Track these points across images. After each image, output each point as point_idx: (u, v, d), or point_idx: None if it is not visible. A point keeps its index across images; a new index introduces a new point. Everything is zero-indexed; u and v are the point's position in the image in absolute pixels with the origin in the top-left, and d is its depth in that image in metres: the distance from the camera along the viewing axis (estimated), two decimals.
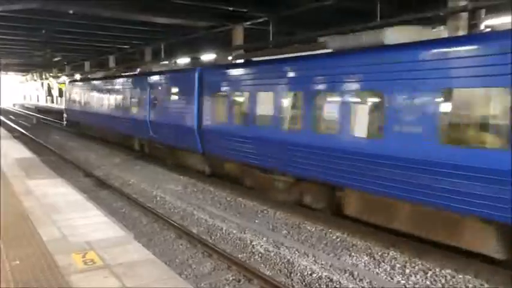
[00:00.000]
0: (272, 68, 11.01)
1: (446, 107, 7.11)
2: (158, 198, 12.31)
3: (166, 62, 21.21)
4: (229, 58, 17.64)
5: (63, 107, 33.50)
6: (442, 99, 7.04)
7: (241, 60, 14.41)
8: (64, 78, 51.07)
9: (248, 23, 18.51)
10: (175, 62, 22.51)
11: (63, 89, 36.74)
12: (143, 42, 28.02)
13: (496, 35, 7.38)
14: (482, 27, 12.63)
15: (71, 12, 17.33)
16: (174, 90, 15.47)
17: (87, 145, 23.45)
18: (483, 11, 12.60)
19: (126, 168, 16.76)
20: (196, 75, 13.94)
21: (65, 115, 30.95)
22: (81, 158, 19.05)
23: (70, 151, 21.21)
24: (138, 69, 24.74)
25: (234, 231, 9.37)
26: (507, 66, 6.17)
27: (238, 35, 18.94)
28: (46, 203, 8.28)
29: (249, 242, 8.76)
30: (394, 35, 8.52)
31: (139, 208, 11.26)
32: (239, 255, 8.10)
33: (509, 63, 6.15)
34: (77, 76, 36.93)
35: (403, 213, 7.95)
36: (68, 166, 17.22)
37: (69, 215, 7.47)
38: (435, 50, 7.24)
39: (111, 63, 33.96)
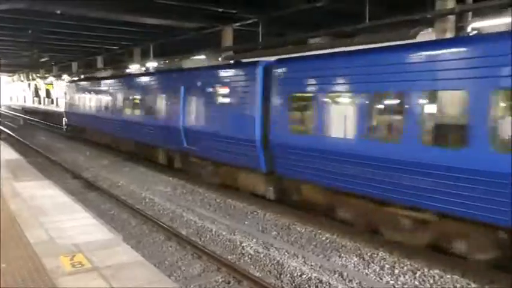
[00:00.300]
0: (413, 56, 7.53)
1: None
2: (147, 200, 12.24)
3: (202, 57, 16.95)
4: (219, 59, 17.58)
5: (62, 109, 29.54)
6: None
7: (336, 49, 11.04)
8: (51, 79, 50.61)
9: (237, 24, 18.53)
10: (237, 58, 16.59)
11: (51, 89, 34.03)
12: (132, 43, 27.90)
13: None
14: (469, 29, 12.81)
15: (58, 12, 17.18)
16: (222, 91, 12.12)
17: (74, 147, 23.23)
18: (470, 14, 12.78)
19: (114, 170, 16.63)
20: (260, 71, 10.66)
21: (64, 119, 27.17)
22: (69, 160, 18.86)
23: (57, 153, 20.98)
24: (128, 69, 24.17)
25: (224, 233, 9.35)
26: None
27: (228, 36, 18.95)
28: (33, 205, 8.18)
29: (238, 243, 8.75)
30: None
31: (128, 210, 11.19)
32: (229, 257, 8.09)
33: None
34: (80, 75, 33.98)
35: None
36: (56, 168, 17.04)
37: (57, 218, 7.39)
38: None
39: (99, 63, 33.72)
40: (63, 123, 27.53)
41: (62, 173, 16.12)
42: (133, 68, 27.76)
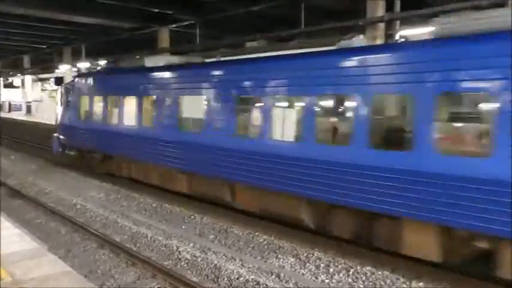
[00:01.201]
0: None
1: None
2: (78, 207, 11.66)
3: None
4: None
5: (55, 122, 18.12)
6: None
7: None
8: None
9: (174, 25, 18.28)
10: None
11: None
12: (62, 42, 26.63)
13: None
14: (397, 37, 13.53)
15: None
16: None
17: None
18: (398, 23, 13.51)
19: (43, 176, 15.69)
20: None
21: (58, 136, 16.94)
22: None
23: None
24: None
25: (160, 238, 9.11)
26: None
27: (164, 38, 18.63)
28: None
29: (175, 248, 8.56)
30: None
31: (57, 218, 10.60)
32: (165, 263, 7.89)
33: None
34: (91, 66, 24.38)
35: None
36: None
37: None
38: None
39: (26, 63, 31.88)
40: (55, 143, 17.22)
41: None
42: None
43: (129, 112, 13.09)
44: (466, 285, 6.76)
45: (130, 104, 13.09)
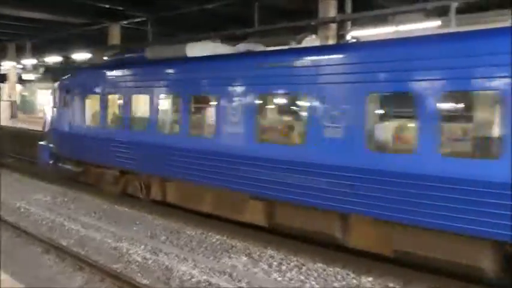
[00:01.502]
0: None
1: None
2: (22, 210, 11.12)
3: None
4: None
5: (43, 127, 15.00)
6: None
7: None
8: None
9: (125, 22, 17.82)
10: None
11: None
12: (6, 38, 25.34)
13: None
14: (348, 37, 13.81)
15: None
16: None
17: None
18: (349, 23, 13.79)
19: None
20: None
21: (48, 145, 13.86)
22: None
23: None
24: None
25: (109, 241, 8.83)
26: None
27: (115, 34, 18.12)
28: None
29: (125, 251, 8.32)
30: None
31: None
32: (114, 266, 7.64)
33: None
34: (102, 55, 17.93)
35: None
36: None
37: None
38: None
39: None
40: (43, 154, 14.06)
41: None
42: None
43: (167, 116, 10.44)
44: (414, 278, 6.96)
45: (167, 105, 10.43)
